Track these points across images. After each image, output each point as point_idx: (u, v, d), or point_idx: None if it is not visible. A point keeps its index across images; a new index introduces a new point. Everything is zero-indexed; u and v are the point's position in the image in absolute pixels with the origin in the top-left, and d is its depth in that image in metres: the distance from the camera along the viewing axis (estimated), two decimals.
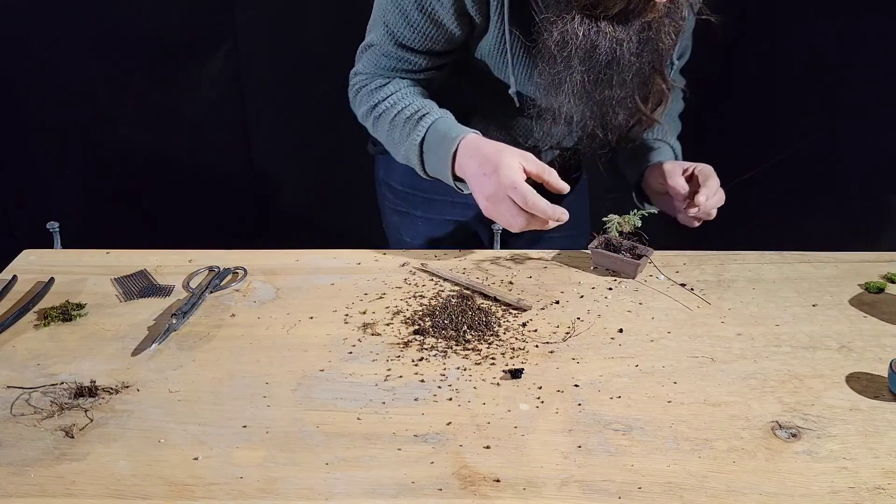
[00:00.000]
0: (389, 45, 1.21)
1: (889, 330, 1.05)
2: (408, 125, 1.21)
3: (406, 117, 1.21)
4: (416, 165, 1.21)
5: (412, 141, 1.19)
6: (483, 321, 1.05)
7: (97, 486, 0.77)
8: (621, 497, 0.77)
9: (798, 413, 0.89)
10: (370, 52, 1.25)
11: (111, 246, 1.24)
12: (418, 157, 1.20)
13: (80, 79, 1.97)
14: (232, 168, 2.12)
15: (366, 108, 1.27)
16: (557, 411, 0.89)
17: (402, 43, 1.20)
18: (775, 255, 1.24)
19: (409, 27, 1.18)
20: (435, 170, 1.20)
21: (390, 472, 0.80)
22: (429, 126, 1.19)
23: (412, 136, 1.19)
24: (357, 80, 1.29)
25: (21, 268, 1.18)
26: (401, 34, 1.19)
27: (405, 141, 1.21)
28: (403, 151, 1.23)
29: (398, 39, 1.20)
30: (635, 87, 1.18)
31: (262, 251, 1.24)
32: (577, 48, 1.10)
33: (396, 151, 1.26)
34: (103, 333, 1.02)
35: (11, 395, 0.90)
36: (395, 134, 1.23)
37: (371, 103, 1.25)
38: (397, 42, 1.20)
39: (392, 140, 1.24)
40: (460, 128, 1.18)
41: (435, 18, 1.16)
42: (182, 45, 1.95)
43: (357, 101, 1.30)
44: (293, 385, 0.93)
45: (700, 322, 1.06)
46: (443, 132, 1.17)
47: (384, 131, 1.25)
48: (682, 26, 1.17)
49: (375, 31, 1.23)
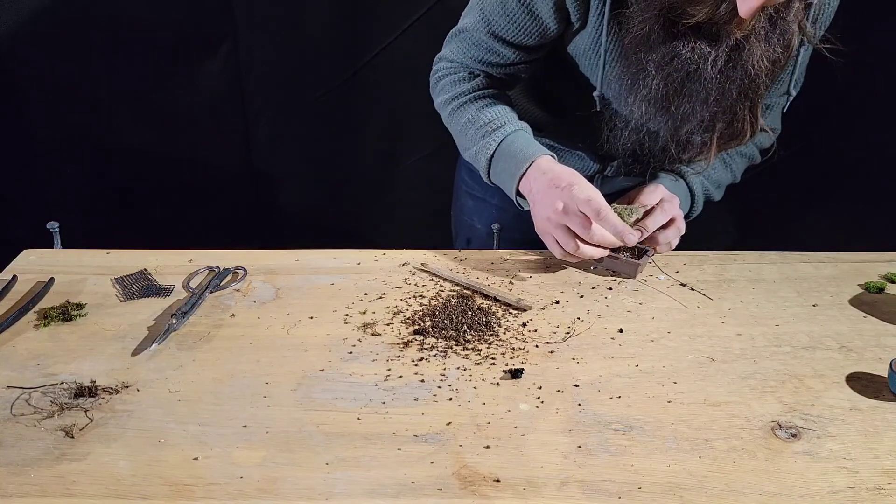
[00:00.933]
0: (482, 34, 1.19)
1: (889, 330, 1.05)
2: (482, 131, 1.20)
3: (484, 122, 1.21)
4: (482, 170, 1.22)
5: (483, 148, 1.20)
6: (483, 321, 1.05)
7: (97, 486, 0.77)
8: (621, 497, 0.77)
9: (798, 413, 0.89)
10: (460, 39, 1.24)
11: (111, 246, 1.24)
12: (486, 165, 1.20)
13: (81, 79, 1.97)
14: (232, 168, 2.12)
15: (445, 98, 1.27)
16: (557, 411, 0.89)
17: (496, 33, 1.18)
18: (775, 255, 1.24)
19: (507, 17, 1.15)
20: (500, 180, 1.21)
21: (390, 472, 0.80)
22: (502, 139, 1.18)
23: (485, 143, 1.20)
24: (442, 67, 1.28)
25: (21, 268, 1.18)
26: (496, 23, 1.17)
27: (475, 144, 1.21)
28: (472, 153, 1.23)
29: (492, 29, 1.18)
30: (720, 110, 1.12)
31: (262, 251, 1.24)
32: (652, 51, 1.06)
33: (464, 149, 1.26)
34: (103, 333, 1.02)
35: (11, 395, 0.90)
36: (468, 133, 1.23)
37: (452, 94, 1.25)
38: (491, 31, 1.18)
39: (464, 138, 1.24)
40: (536, 147, 1.18)
41: (533, 11, 1.13)
42: (182, 45, 1.95)
43: (438, 87, 1.29)
44: (293, 385, 0.93)
45: (700, 322, 1.06)
46: (516, 149, 1.17)
47: (459, 126, 1.25)
48: (779, 56, 1.09)
49: (470, 16, 1.21)
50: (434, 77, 1.31)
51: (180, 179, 2.10)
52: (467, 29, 1.22)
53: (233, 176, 2.13)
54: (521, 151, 1.17)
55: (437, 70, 1.30)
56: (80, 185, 2.12)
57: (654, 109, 1.12)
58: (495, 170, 1.20)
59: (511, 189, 1.18)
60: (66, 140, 2.06)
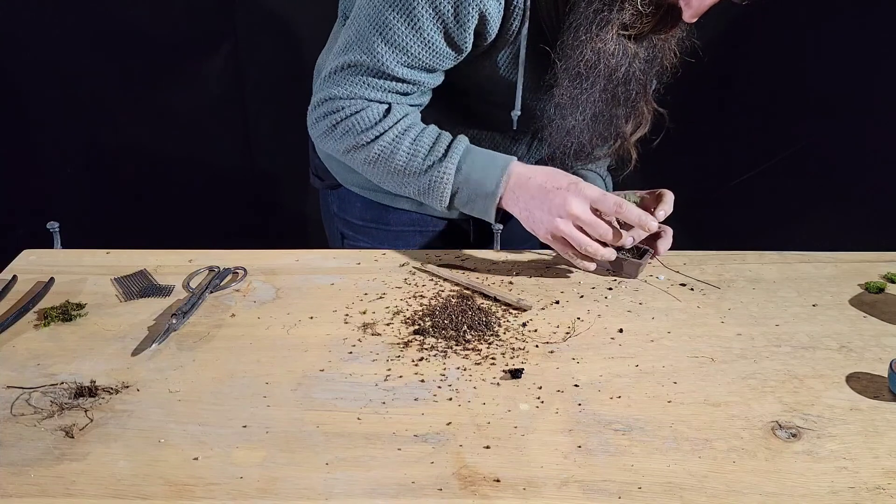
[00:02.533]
0: (391, 64, 1.09)
1: (889, 330, 1.05)
2: (434, 153, 1.12)
3: (430, 145, 1.13)
4: (438, 197, 1.13)
5: (438, 180, 1.12)
6: (483, 321, 1.05)
7: (97, 486, 0.77)
8: (621, 497, 0.77)
9: (798, 413, 0.89)
10: (355, 74, 1.12)
11: (111, 246, 1.24)
12: (450, 185, 1.12)
13: (80, 79, 1.98)
14: (232, 168, 2.12)
15: (356, 140, 1.14)
16: (557, 411, 0.89)
17: (408, 62, 1.10)
18: (775, 255, 1.24)
19: (421, 43, 1.08)
20: (471, 197, 1.13)
21: (390, 472, 0.80)
22: (463, 152, 1.12)
23: (437, 174, 1.12)
24: (340, 107, 1.14)
25: (21, 268, 1.18)
26: (408, 50, 1.08)
27: (428, 171, 1.12)
28: (420, 187, 1.14)
29: (404, 58, 1.09)
30: (636, 106, 1.17)
31: (262, 251, 1.24)
32: (605, 67, 1.08)
33: (403, 185, 1.16)
34: (103, 333, 1.02)
35: (11, 395, 0.90)
36: (412, 164, 1.13)
37: (372, 134, 1.13)
38: (403, 61, 1.10)
39: (404, 175, 1.14)
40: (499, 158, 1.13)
41: (449, 35, 1.08)
42: (182, 45, 1.95)
43: (341, 128, 1.15)
44: (293, 385, 0.93)
45: (700, 322, 1.06)
46: (486, 157, 1.12)
47: (390, 163, 1.14)
48: (684, 45, 1.15)
49: (363, 49, 1.10)
50: (329, 120, 1.16)
51: (180, 179, 2.10)
52: (362, 63, 1.11)
53: (233, 176, 2.13)
54: (492, 160, 1.12)
55: (330, 111, 1.15)
56: (80, 185, 2.12)
57: (593, 119, 1.15)
58: (465, 190, 1.13)
59: (490, 212, 1.13)
60: (66, 140, 2.07)
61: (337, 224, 1.42)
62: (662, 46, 1.12)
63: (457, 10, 1.05)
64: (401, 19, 1.06)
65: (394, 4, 1.06)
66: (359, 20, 1.10)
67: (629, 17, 1.04)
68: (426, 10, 1.05)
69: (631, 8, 1.04)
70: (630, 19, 1.05)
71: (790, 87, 1.85)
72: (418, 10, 1.05)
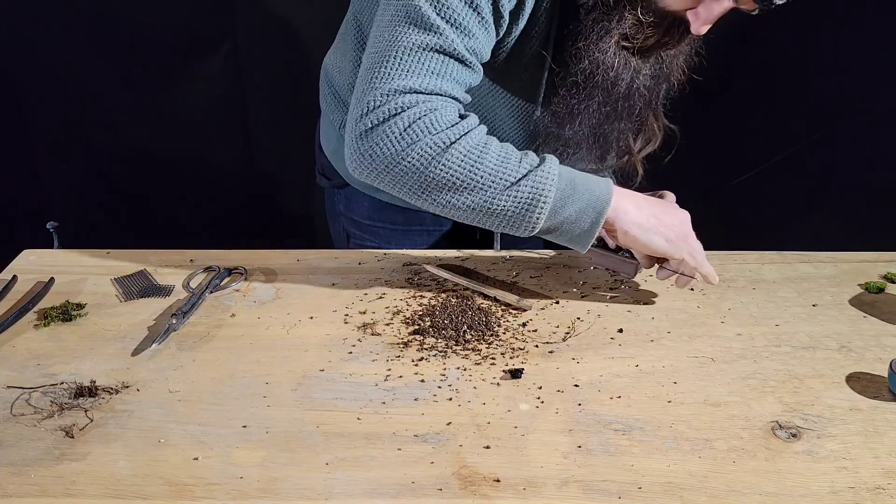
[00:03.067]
0: (459, 45, 0.95)
1: (889, 330, 1.05)
2: (528, 159, 0.98)
3: (520, 153, 0.99)
4: (537, 210, 0.97)
5: (544, 171, 0.97)
6: (483, 321, 1.05)
7: (97, 486, 0.77)
8: (621, 497, 0.77)
9: (798, 413, 0.89)
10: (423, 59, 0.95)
11: (111, 246, 1.24)
12: (553, 191, 0.97)
13: (81, 79, 1.97)
14: (232, 168, 2.12)
15: (437, 140, 0.95)
16: (557, 411, 0.89)
17: (470, 45, 0.97)
18: (775, 255, 1.24)
19: (480, 23, 0.95)
20: (579, 206, 0.98)
21: (390, 472, 0.80)
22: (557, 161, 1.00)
23: (543, 166, 0.97)
24: (409, 101, 0.94)
25: (21, 268, 1.18)
26: (469, 31, 0.95)
27: (528, 176, 0.96)
28: (521, 191, 0.96)
29: (466, 39, 0.96)
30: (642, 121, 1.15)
31: (262, 251, 1.24)
32: (603, 79, 1.04)
33: (492, 198, 0.96)
34: (103, 333, 1.02)
35: (11, 395, 0.90)
36: (505, 169, 0.96)
37: (455, 132, 0.95)
38: (467, 44, 0.96)
39: (494, 180, 0.96)
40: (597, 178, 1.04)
41: (500, 13, 0.98)
42: (182, 45, 1.95)
43: (413, 130, 0.94)
44: (293, 385, 0.93)
45: (700, 322, 1.06)
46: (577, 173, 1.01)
47: (477, 171, 0.95)
48: (693, 63, 1.12)
49: (423, 26, 0.94)
50: (398, 120, 0.94)
51: (180, 179, 2.10)
52: (427, 44, 0.95)
53: (233, 176, 2.13)
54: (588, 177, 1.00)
55: (399, 107, 0.95)
56: (80, 185, 2.12)
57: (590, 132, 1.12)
58: (565, 211, 0.98)
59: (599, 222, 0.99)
60: (66, 140, 2.07)
61: (343, 223, 1.39)
62: (670, 63, 1.09)
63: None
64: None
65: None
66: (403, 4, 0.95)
67: (630, 27, 1.00)
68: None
69: (631, 17, 1.00)
70: (631, 30, 1.01)
71: (790, 87, 1.85)
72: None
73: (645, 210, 1.03)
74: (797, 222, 1.94)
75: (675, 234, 1.03)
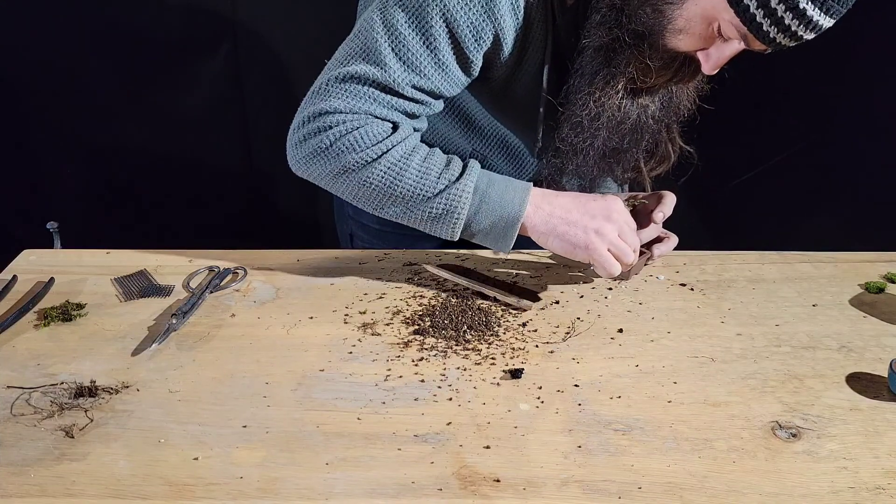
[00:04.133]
0: (402, 81, 1.01)
1: (889, 330, 1.05)
2: (448, 173, 1.02)
3: (442, 165, 1.03)
4: (452, 222, 1.03)
5: (459, 189, 1.01)
6: (483, 321, 1.05)
7: (97, 486, 0.77)
8: (621, 497, 0.77)
9: (798, 413, 0.89)
10: (360, 86, 1.02)
11: (111, 246, 1.24)
12: (467, 207, 1.02)
13: (81, 79, 1.97)
14: (232, 168, 2.12)
15: (357, 158, 1.01)
16: (557, 411, 0.89)
17: (419, 83, 1.02)
18: (775, 255, 1.24)
19: (435, 65, 1.01)
20: (492, 219, 1.03)
21: (390, 472, 0.80)
22: (480, 172, 1.03)
23: (459, 183, 1.01)
24: (336, 120, 1.02)
25: (21, 268, 1.18)
26: (422, 70, 1.01)
27: (443, 193, 1.01)
28: (435, 205, 1.02)
29: (416, 78, 1.01)
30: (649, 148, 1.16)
31: (262, 251, 1.24)
32: (610, 119, 1.04)
33: (411, 210, 1.03)
34: (103, 333, 1.02)
35: (11, 395, 0.90)
36: (423, 185, 1.02)
37: (376, 151, 1.01)
38: (414, 81, 1.02)
39: (413, 194, 1.02)
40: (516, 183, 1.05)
41: (462, 56, 1.01)
42: (182, 45, 1.95)
43: (335, 148, 1.02)
44: (293, 385, 0.93)
45: (700, 322, 1.06)
46: (504, 180, 1.04)
47: (396, 186, 1.02)
48: (704, 89, 1.12)
49: (373, 61, 1.01)
50: (324, 136, 1.02)
51: (180, 179, 2.10)
52: (369, 77, 1.01)
53: (233, 176, 2.13)
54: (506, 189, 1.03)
55: (327, 125, 1.02)
56: (80, 185, 2.12)
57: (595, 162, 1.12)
58: (478, 222, 1.03)
59: (511, 234, 1.04)
60: (65, 140, 2.06)
61: (350, 226, 1.39)
62: (679, 93, 1.09)
63: (474, 31, 0.99)
64: (416, 37, 0.99)
65: (410, 21, 0.99)
66: (368, 32, 1.02)
67: (636, 71, 1.00)
68: (442, 29, 0.99)
69: (639, 61, 0.99)
70: (639, 73, 1.00)
71: (790, 87, 1.85)
72: (435, 28, 0.99)
73: (556, 217, 1.04)
74: (797, 222, 1.94)
75: (582, 239, 1.03)
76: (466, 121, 1.20)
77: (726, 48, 0.96)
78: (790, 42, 0.92)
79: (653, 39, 0.97)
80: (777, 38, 0.91)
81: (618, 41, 0.98)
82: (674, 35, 0.96)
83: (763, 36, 0.91)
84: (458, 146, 1.23)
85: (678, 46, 0.97)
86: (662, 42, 0.97)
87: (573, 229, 1.03)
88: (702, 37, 0.95)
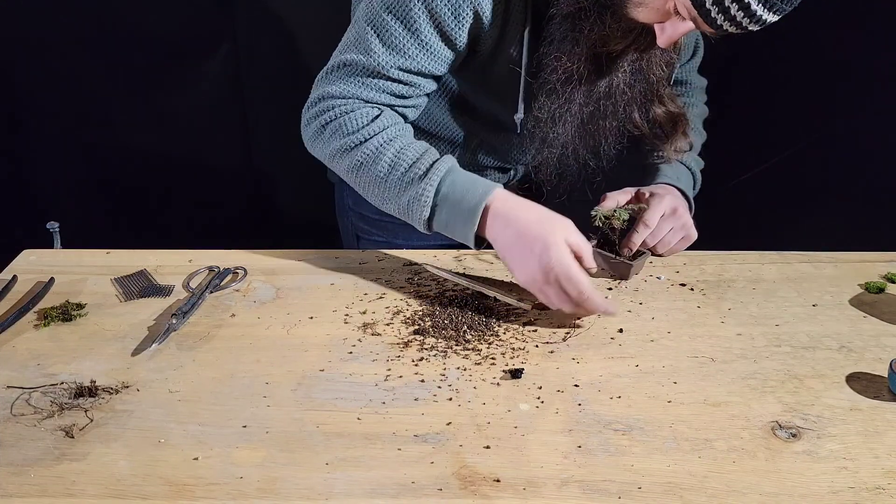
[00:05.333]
0: (386, 65, 1.08)
1: (889, 330, 1.05)
2: (415, 169, 1.06)
3: (413, 160, 1.07)
4: (417, 221, 1.07)
5: (421, 188, 1.05)
6: (483, 321, 1.05)
7: (97, 486, 0.77)
8: (621, 497, 0.77)
9: (798, 413, 0.89)
10: (350, 73, 1.10)
11: (111, 246, 1.24)
12: (428, 206, 1.05)
13: (81, 79, 1.97)
14: (232, 168, 2.12)
15: (343, 143, 1.09)
16: (557, 411, 0.89)
17: (404, 64, 1.08)
18: (775, 255, 1.24)
19: (418, 46, 1.07)
20: (449, 228, 1.07)
21: (390, 472, 0.80)
22: (442, 176, 1.05)
23: (423, 182, 1.05)
24: (329, 105, 1.10)
25: (21, 268, 1.18)
26: (405, 52, 1.07)
27: (407, 189, 1.06)
28: (401, 205, 1.08)
29: (401, 60, 1.08)
30: (627, 116, 1.18)
31: (262, 251, 1.24)
32: (580, 84, 1.09)
33: (384, 200, 1.10)
34: (103, 333, 1.02)
35: (11, 395, 0.90)
36: (392, 177, 1.07)
37: (358, 137, 1.08)
38: (398, 63, 1.08)
39: (385, 184, 1.08)
40: (484, 182, 1.06)
41: (445, 35, 1.07)
42: (182, 45, 1.95)
43: (328, 131, 1.10)
44: (293, 385, 0.93)
45: (700, 322, 1.06)
46: (464, 187, 1.05)
47: (372, 175, 1.08)
48: (674, 58, 1.17)
49: (361, 48, 1.09)
50: (321, 119, 1.11)
51: (180, 179, 2.10)
52: (358, 63, 1.09)
53: (233, 176, 2.13)
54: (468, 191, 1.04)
55: (323, 109, 1.11)
56: (80, 185, 2.12)
57: (576, 132, 1.16)
58: (439, 220, 1.06)
59: (468, 237, 1.05)
60: (66, 140, 2.06)
61: (351, 218, 1.42)
62: (648, 60, 1.13)
63: (453, 10, 1.05)
64: (397, 22, 1.07)
65: (390, 6, 1.06)
66: (358, 22, 1.11)
67: (597, 36, 1.05)
68: (422, 11, 1.05)
69: (600, 27, 1.04)
70: (600, 39, 1.05)
71: (790, 87, 1.85)
72: (414, 11, 1.05)
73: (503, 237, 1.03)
74: (797, 222, 1.94)
75: (529, 284, 1.03)
76: (458, 101, 1.24)
77: (680, 25, 1.02)
78: (736, 30, 0.98)
79: (615, 9, 1.03)
80: (724, 26, 0.97)
81: (583, 10, 1.04)
82: (634, 7, 1.01)
83: (711, 21, 0.97)
84: (450, 129, 1.27)
85: (637, 17, 1.02)
86: (624, 12, 1.02)
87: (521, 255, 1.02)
88: (659, 11, 1.00)
